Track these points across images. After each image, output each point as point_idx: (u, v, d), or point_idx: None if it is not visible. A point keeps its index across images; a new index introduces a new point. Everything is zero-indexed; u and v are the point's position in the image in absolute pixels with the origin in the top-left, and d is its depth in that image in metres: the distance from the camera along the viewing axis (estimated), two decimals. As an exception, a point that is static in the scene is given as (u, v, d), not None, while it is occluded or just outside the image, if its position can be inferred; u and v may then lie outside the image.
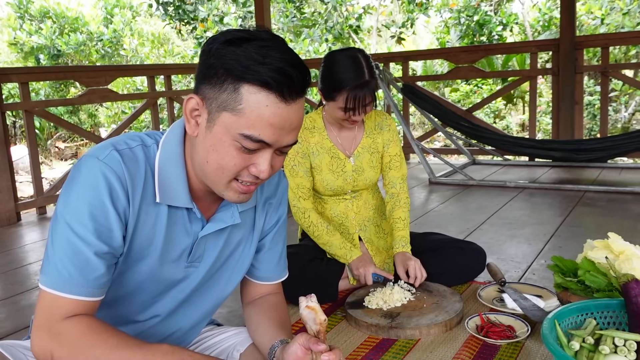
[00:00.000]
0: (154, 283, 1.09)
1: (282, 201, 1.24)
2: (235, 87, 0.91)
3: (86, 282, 0.95)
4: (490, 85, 9.95)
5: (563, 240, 2.66)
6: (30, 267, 2.75)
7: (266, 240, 1.24)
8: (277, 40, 0.95)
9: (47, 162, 9.56)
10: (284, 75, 0.91)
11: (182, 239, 1.08)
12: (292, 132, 0.97)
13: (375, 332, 1.76)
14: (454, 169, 4.37)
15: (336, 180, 2.09)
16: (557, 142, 4.27)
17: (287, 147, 0.99)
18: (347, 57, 1.93)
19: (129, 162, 0.99)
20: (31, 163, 3.87)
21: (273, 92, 0.91)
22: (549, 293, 1.95)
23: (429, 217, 3.29)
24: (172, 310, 1.16)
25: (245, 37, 0.93)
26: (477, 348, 1.64)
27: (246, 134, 0.93)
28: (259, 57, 0.91)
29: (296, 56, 0.95)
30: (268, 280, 1.27)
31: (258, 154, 0.97)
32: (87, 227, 0.94)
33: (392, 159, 2.16)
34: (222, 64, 0.92)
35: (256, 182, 1.00)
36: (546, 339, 1.32)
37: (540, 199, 3.57)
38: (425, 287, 2.00)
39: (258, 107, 0.91)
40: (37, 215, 3.89)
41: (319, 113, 2.14)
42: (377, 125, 2.15)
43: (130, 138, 1.04)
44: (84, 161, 0.98)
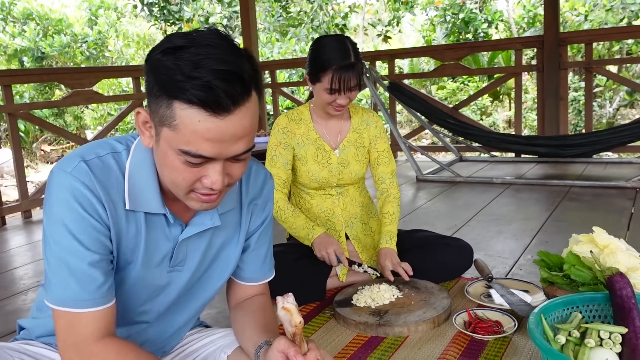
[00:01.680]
0: (140, 289, 1.09)
1: (268, 202, 1.23)
2: (168, 103, 0.88)
3: (90, 293, 0.97)
4: (476, 82, 10.01)
5: (549, 235, 2.68)
6: (16, 271, 2.72)
7: (251, 241, 1.23)
8: (217, 44, 0.89)
9: (33, 166, 9.47)
10: (210, 92, 0.85)
11: (163, 243, 1.07)
12: (237, 142, 0.91)
13: (364, 330, 1.76)
14: (441, 166, 4.39)
15: (321, 171, 2.09)
16: (542, 138, 4.30)
17: (239, 155, 0.94)
18: (334, 40, 1.98)
19: (98, 172, 0.97)
20: (15, 167, 3.83)
21: (202, 108, 0.87)
22: (535, 288, 1.96)
23: (416, 214, 3.30)
24: (160, 314, 1.16)
25: (180, 46, 0.88)
26: (465, 344, 1.65)
27: (184, 150, 0.90)
28: (188, 70, 0.86)
29: (235, 62, 0.88)
30: (253, 281, 1.27)
31: (207, 166, 0.93)
32: (74, 242, 0.95)
33: (380, 154, 2.17)
34: (155, 79, 0.89)
35: (214, 192, 0.97)
36: (532, 333, 1.32)
37: (527, 195, 3.59)
38: (413, 284, 2.01)
39: (191, 123, 0.87)
40: (22, 219, 3.85)
41: (306, 106, 2.16)
42: (364, 121, 2.17)
43: (99, 146, 1.02)
44: (53, 176, 0.97)
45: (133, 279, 1.06)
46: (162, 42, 0.91)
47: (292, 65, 7.94)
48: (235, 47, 0.91)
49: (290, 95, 6.36)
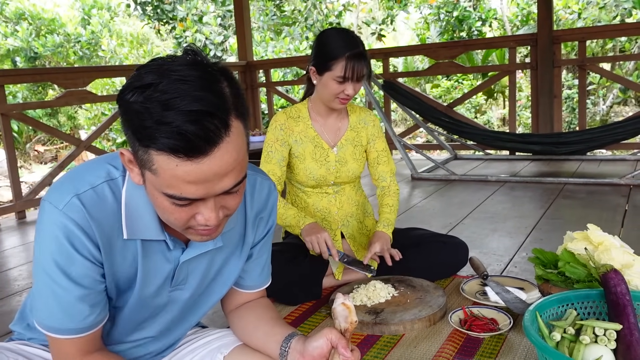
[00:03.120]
0: (141, 310, 1.09)
1: (272, 213, 1.21)
2: (143, 149, 0.84)
3: (75, 323, 0.98)
4: (470, 80, 10.03)
5: (544, 233, 2.69)
6: (10, 272, 2.71)
7: (254, 251, 1.21)
8: (189, 77, 0.82)
9: (27, 166, 9.42)
10: (181, 139, 0.80)
11: (163, 266, 1.05)
12: (222, 179, 0.86)
13: (360, 328, 1.76)
14: (436, 164, 4.40)
15: (319, 169, 2.09)
16: (536, 136, 4.31)
17: (231, 189, 0.89)
18: (342, 30, 2.02)
19: (91, 207, 0.94)
20: (9, 167, 3.81)
21: (176, 156, 0.81)
22: (530, 285, 1.97)
23: (412, 212, 3.31)
24: (161, 331, 1.16)
25: (149, 83, 0.82)
26: (461, 341, 1.65)
27: (168, 194, 0.86)
28: (158, 114, 0.80)
29: (207, 99, 0.81)
30: (252, 289, 1.26)
31: (198, 204, 0.88)
32: (62, 276, 0.95)
33: (379, 154, 2.18)
34: (128, 124, 0.85)
35: (211, 227, 0.93)
36: (528, 330, 1.33)
37: (521, 193, 3.60)
38: (408, 282, 2.01)
39: (169, 168, 0.82)
40: (16, 220, 3.83)
41: (304, 104, 2.15)
42: (362, 120, 2.17)
43: (94, 173, 0.97)
44: (44, 210, 0.95)
45: (133, 302, 1.06)
46: (133, 78, 0.85)
47: (287, 64, 7.94)
48: (209, 75, 0.84)
49: (285, 94, 6.35)
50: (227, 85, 0.85)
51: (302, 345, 1.08)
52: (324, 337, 1.03)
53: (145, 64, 0.86)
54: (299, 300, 2.00)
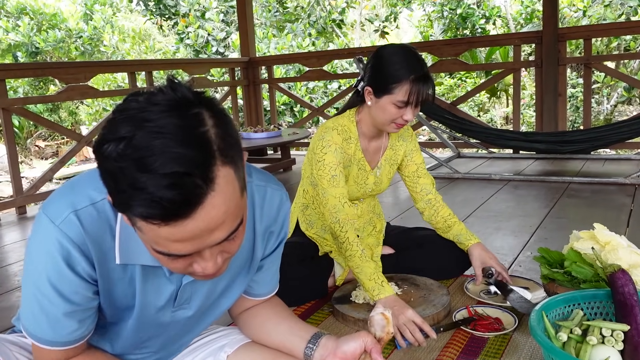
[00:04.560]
0: (141, 330, 1.06)
1: (284, 226, 1.15)
2: (122, 210, 0.79)
3: (61, 337, 0.96)
4: (474, 78, 9.99)
5: (548, 232, 2.66)
6: (10, 268, 2.69)
7: (264, 262, 1.18)
8: (167, 126, 0.73)
9: (27, 162, 9.41)
10: (157, 207, 0.72)
11: (165, 287, 1.01)
12: (213, 233, 0.78)
13: (363, 327, 1.73)
14: (439, 163, 4.37)
15: (357, 191, 2.01)
16: (541, 134, 4.28)
17: (227, 238, 0.82)
18: (405, 49, 1.82)
19: (89, 225, 0.90)
20: (9, 162, 3.79)
21: (154, 222, 0.75)
22: (535, 285, 1.94)
23: (415, 211, 3.27)
24: (163, 345, 1.14)
25: (123, 137, 0.73)
26: (465, 341, 1.63)
27: (157, 250, 0.80)
28: (132, 178, 0.72)
29: (185, 156, 0.72)
30: (261, 297, 1.23)
31: (193, 256, 0.82)
32: (52, 291, 0.92)
33: (418, 167, 2.08)
34: (104, 183, 0.78)
35: (211, 273, 0.87)
36: (534, 330, 1.31)
37: (525, 191, 3.58)
38: (412, 281, 1.99)
39: (152, 230, 0.76)
40: (16, 215, 3.81)
41: (352, 120, 1.94)
42: (400, 136, 2.06)
43: (97, 187, 0.89)
44: (40, 223, 0.91)
45: (133, 322, 1.03)
46: (108, 127, 0.76)
47: (290, 61, 7.91)
48: (189, 121, 0.75)
49: (287, 91, 6.33)
50: (212, 125, 0.76)
51: (333, 343, 1.09)
52: (360, 340, 1.06)
53: (121, 107, 0.77)
54: (304, 299, 1.97)
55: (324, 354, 1.10)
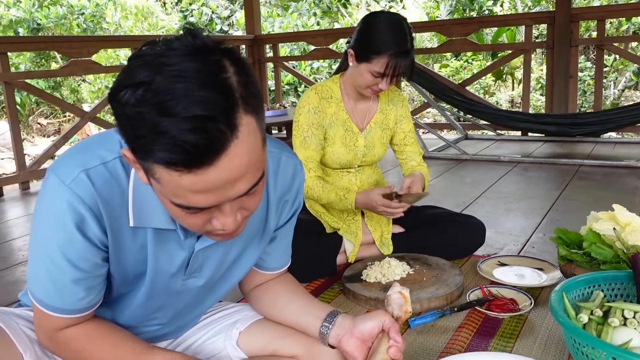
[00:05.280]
0: (153, 297, 1.02)
1: (298, 195, 1.11)
2: (141, 157, 0.74)
3: (68, 304, 0.92)
4: (480, 60, 9.88)
5: (560, 214, 2.62)
6: (15, 242, 2.66)
7: (277, 234, 1.14)
8: (187, 71, 0.70)
9: (29, 139, 9.36)
10: (179, 152, 0.69)
11: (176, 253, 0.97)
12: (235, 184, 0.75)
13: (374, 305, 1.70)
14: (447, 144, 4.32)
15: (347, 154, 2.00)
16: (551, 116, 4.22)
17: (248, 192, 0.78)
18: (393, 21, 1.82)
19: (100, 185, 0.86)
20: (12, 137, 3.75)
21: (176, 169, 0.71)
22: (550, 266, 1.91)
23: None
24: (173, 317, 1.10)
25: (141, 82, 0.70)
26: (480, 321, 1.59)
27: (176, 203, 0.76)
28: (152, 122, 0.69)
29: (208, 99, 0.69)
30: (273, 271, 1.20)
31: (212, 210, 0.79)
32: (61, 257, 0.88)
33: (406, 135, 2.09)
34: (121, 130, 0.74)
35: (230, 231, 0.83)
36: (555, 311, 1.27)
37: (535, 173, 3.53)
38: (423, 260, 1.95)
39: (172, 179, 0.72)
40: (20, 190, 3.78)
41: (336, 82, 2.01)
42: (390, 100, 2.06)
43: (107, 147, 0.87)
44: (49, 183, 0.86)
45: (144, 289, 0.99)
46: (124, 73, 0.73)
47: (295, 39, 7.81)
48: (210, 66, 0.71)
49: (292, 70, 6.25)
50: (233, 73, 0.73)
51: (350, 322, 1.06)
52: (378, 319, 1.03)
53: (137, 54, 0.74)
54: (312, 277, 1.94)
55: (340, 333, 1.06)
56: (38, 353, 1.01)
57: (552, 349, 1.43)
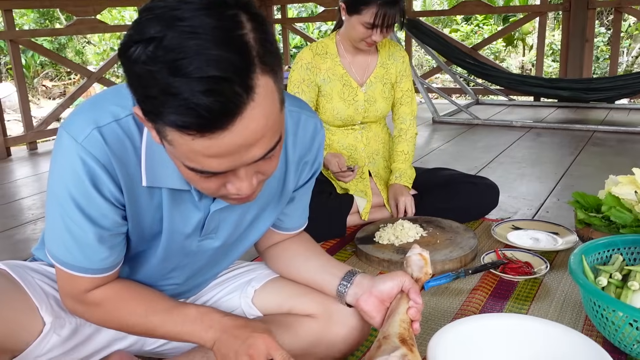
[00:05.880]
0: (167, 259, 1.01)
1: (318, 155, 1.08)
2: (153, 119, 0.70)
3: (92, 263, 0.90)
4: (491, 25, 9.67)
5: (575, 179, 2.58)
6: (24, 201, 2.65)
7: (296, 194, 1.11)
8: (202, 27, 0.65)
9: (35, 101, 9.30)
10: (192, 115, 0.65)
11: (192, 214, 0.95)
12: (250, 149, 0.71)
13: (387, 267, 1.69)
14: (459, 108, 4.25)
15: (347, 109, 1.98)
16: (566, 81, 4.13)
17: (264, 156, 0.74)
18: None
19: (114, 143, 0.83)
20: (19, 96, 3.71)
21: (188, 133, 0.67)
22: (565, 230, 1.88)
23: (433, 155, 3.20)
24: (189, 277, 1.09)
25: (152, 37, 0.65)
26: (494, 284, 1.58)
27: (189, 166, 0.73)
28: (164, 82, 0.64)
29: (223, 58, 0.65)
30: (290, 231, 1.18)
31: (226, 174, 0.75)
32: (80, 215, 0.85)
33: (403, 94, 2.08)
34: (131, 88, 0.70)
35: (245, 195, 0.80)
36: (575, 273, 1.25)
37: (549, 139, 3.48)
38: (437, 223, 1.93)
39: (184, 142, 0.68)
40: (27, 150, 3.76)
41: (332, 38, 2.02)
42: (391, 55, 2.05)
43: (120, 103, 0.84)
44: (63, 140, 0.83)
45: (160, 250, 0.98)
46: (134, 27, 0.68)
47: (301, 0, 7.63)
48: (226, 22, 0.66)
49: (301, 32, 6.13)
50: (250, 29, 0.67)
51: (369, 282, 1.05)
52: (397, 279, 1.02)
53: (148, 5, 0.68)
54: (322, 238, 1.92)
55: (358, 292, 1.05)
56: (54, 307, 1.00)
57: (568, 312, 1.42)
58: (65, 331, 1.01)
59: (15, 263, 1.04)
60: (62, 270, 0.91)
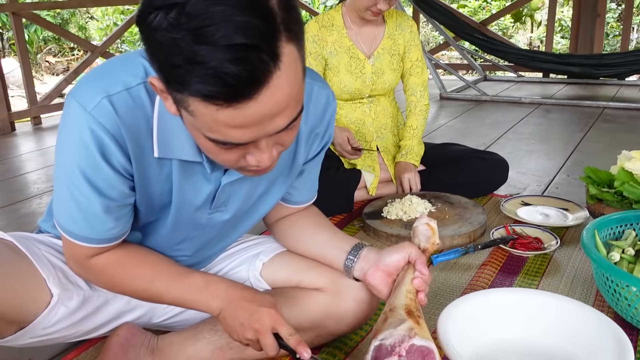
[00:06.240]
0: (176, 231, 0.99)
1: (329, 127, 1.06)
2: (176, 89, 0.68)
3: (98, 234, 0.90)
4: (499, 0, 9.51)
5: (585, 156, 2.55)
6: (29, 175, 2.64)
7: (306, 167, 1.09)
8: None
9: (38, 77, 9.26)
10: (219, 84, 0.63)
11: (202, 187, 0.93)
12: (274, 119, 0.70)
13: (396, 242, 1.67)
14: (467, 84, 4.20)
15: (354, 82, 1.94)
16: (576, 57, 4.06)
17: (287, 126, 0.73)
18: None
19: (124, 112, 0.81)
20: (23, 70, 3.67)
21: (214, 103, 0.65)
22: (575, 206, 1.86)
23: (441, 131, 3.17)
24: (198, 249, 1.08)
25: (174, 3, 0.62)
26: (504, 259, 1.56)
27: (211, 138, 0.71)
28: (188, 50, 0.62)
29: (250, 25, 0.62)
30: (300, 204, 1.16)
31: (247, 146, 0.74)
32: (87, 186, 0.84)
33: (413, 64, 2.03)
34: (152, 57, 0.68)
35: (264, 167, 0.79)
36: (587, 248, 1.23)
37: (558, 115, 3.43)
38: (445, 199, 1.91)
39: (208, 113, 0.67)
40: (32, 125, 3.74)
41: (338, 10, 1.98)
42: (398, 25, 2.00)
43: (131, 72, 0.82)
44: (71, 109, 0.81)
45: (169, 222, 0.96)
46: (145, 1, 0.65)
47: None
48: None
49: (306, 6, 6.04)
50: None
51: (375, 255, 1.03)
52: (404, 251, 1.00)
53: None
54: (329, 213, 1.91)
55: (365, 266, 1.04)
56: (61, 279, 0.99)
57: (579, 287, 1.41)
58: (73, 303, 1.01)
59: (22, 235, 1.03)
60: (67, 238, 0.91)
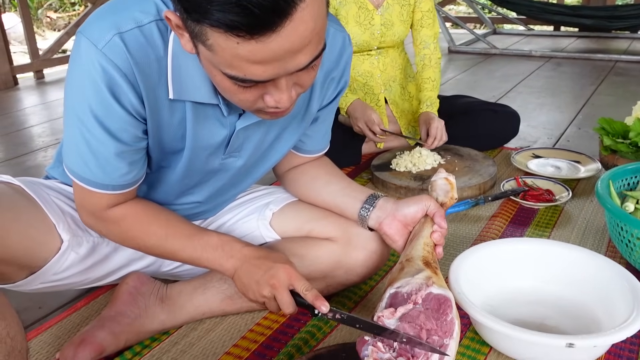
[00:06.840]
0: (189, 175, 0.97)
1: (345, 72, 1.03)
2: (194, 21, 0.65)
3: (111, 180, 0.87)
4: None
5: (596, 109, 2.50)
6: (33, 129, 2.62)
7: (320, 114, 1.06)
8: None
9: (40, 33, 9.11)
10: (242, 14, 0.60)
11: (217, 131, 0.90)
12: (296, 55, 0.67)
13: (405, 194, 1.66)
14: (476, 37, 4.10)
15: (363, 34, 1.89)
16: (589, 9, 3.95)
17: (309, 64, 0.70)
18: None
19: (136, 50, 0.77)
20: (24, 24, 3.60)
21: (236, 34, 0.63)
22: (587, 158, 1.83)
23: (450, 85, 3.11)
24: (209, 196, 1.06)
25: None
26: (514, 211, 1.55)
27: (229, 74, 0.69)
28: None
29: None
30: (312, 154, 1.14)
31: (266, 85, 0.72)
32: (99, 128, 0.80)
33: (424, 15, 1.95)
34: None
35: (283, 109, 0.77)
36: (602, 198, 1.22)
37: (569, 69, 3.36)
38: (455, 151, 1.89)
39: (228, 46, 0.64)
40: (34, 79, 3.69)
41: None
42: None
43: (142, 9, 0.78)
44: (81, 46, 0.78)
45: (182, 166, 0.94)
46: None
47: None
48: None
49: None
50: None
51: (392, 205, 1.02)
52: (422, 203, 0.98)
53: None
54: (338, 165, 1.89)
55: (381, 215, 1.02)
56: (71, 225, 0.98)
57: (590, 238, 1.40)
58: (83, 249, 1.00)
59: (31, 180, 1.02)
60: (80, 186, 0.88)
